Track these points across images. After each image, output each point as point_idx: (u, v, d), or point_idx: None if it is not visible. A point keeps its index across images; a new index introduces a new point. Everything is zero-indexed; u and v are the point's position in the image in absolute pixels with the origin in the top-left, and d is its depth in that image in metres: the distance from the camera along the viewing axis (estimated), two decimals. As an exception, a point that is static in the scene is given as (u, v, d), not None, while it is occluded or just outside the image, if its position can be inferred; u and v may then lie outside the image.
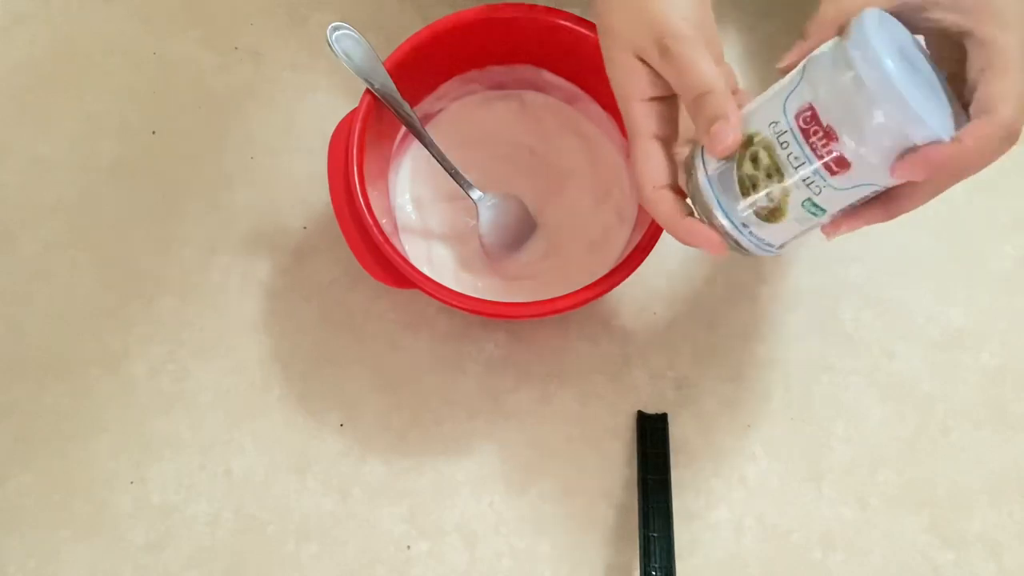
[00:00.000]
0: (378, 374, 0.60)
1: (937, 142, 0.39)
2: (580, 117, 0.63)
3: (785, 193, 0.42)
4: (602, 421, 0.60)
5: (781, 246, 0.45)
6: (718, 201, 0.44)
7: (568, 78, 0.61)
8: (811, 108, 0.40)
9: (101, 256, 0.62)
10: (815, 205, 0.42)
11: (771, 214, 0.43)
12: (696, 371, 0.61)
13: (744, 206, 0.43)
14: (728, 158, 0.43)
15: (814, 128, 0.40)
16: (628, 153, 0.60)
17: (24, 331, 0.61)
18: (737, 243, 0.45)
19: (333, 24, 0.54)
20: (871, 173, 0.41)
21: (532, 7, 0.55)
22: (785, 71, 0.43)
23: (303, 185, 0.63)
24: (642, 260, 0.52)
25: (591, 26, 0.54)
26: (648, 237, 0.53)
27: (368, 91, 0.54)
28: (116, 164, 0.64)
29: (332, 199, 0.55)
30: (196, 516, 0.58)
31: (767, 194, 0.42)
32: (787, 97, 0.41)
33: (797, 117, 0.41)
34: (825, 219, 0.43)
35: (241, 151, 0.64)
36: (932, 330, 0.62)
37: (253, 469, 0.59)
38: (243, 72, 0.66)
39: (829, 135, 0.40)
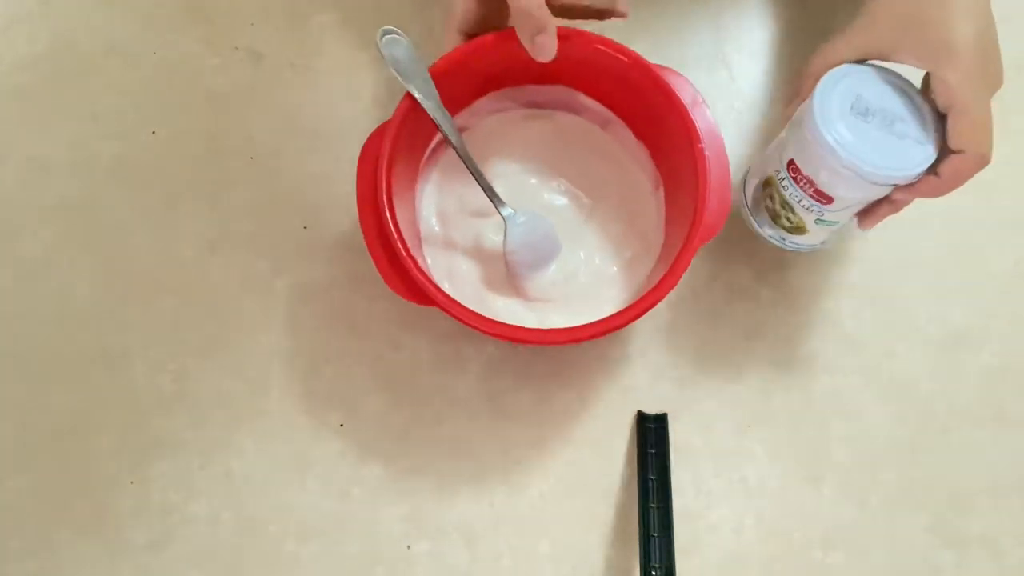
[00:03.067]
0: (378, 374, 0.60)
1: (904, 179, 0.49)
2: (612, 142, 0.62)
3: (800, 217, 0.54)
4: (602, 421, 0.60)
5: (823, 243, 0.58)
6: (756, 222, 0.58)
7: (602, 102, 0.60)
8: (792, 161, 0.52)
9: (101, 256, 0.62)
10: (826, 221, 0.54)
11: (797, 230, 0.56)
12: (696, 371, 0.61)
13: (778, 227, 0.57)
14: (760, 195, 0.57)
15: (799, 176, 0.52)
16: (656, 185, 0.61)
17: (24, 331, 0.61)
18: (783, 244, 0.58)
19: (383, 28, 0.54)
20: (857, 204, 0.52)
21: (574, 31, 0.55)
22: (787, 117, 0.53)
23: (303, 185, 0.63)
24: (668, 291, 0.52)
25: (629, 53, 0.55)
26: (675, 268, 0.52)
27: (408, 95, 0.54)
28: (116, 164, 0.64)
29: (360, 215, 0.54)
30: (196, 516, 0.58)
31: (787, 218, 0.55)
32: (783, 149, 0.53)
33: (788, 166, 0.53)
34: (845, 221, 0.54)
35: (241, 151, 0.64)
36: (932, 330, 0.62)
37: (253, 469, 0.59)
38: (243, 72, 0.66)
39: (809, 181, 0.51)
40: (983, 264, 0.64)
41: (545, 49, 0.52)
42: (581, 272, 0.60)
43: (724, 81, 0.66)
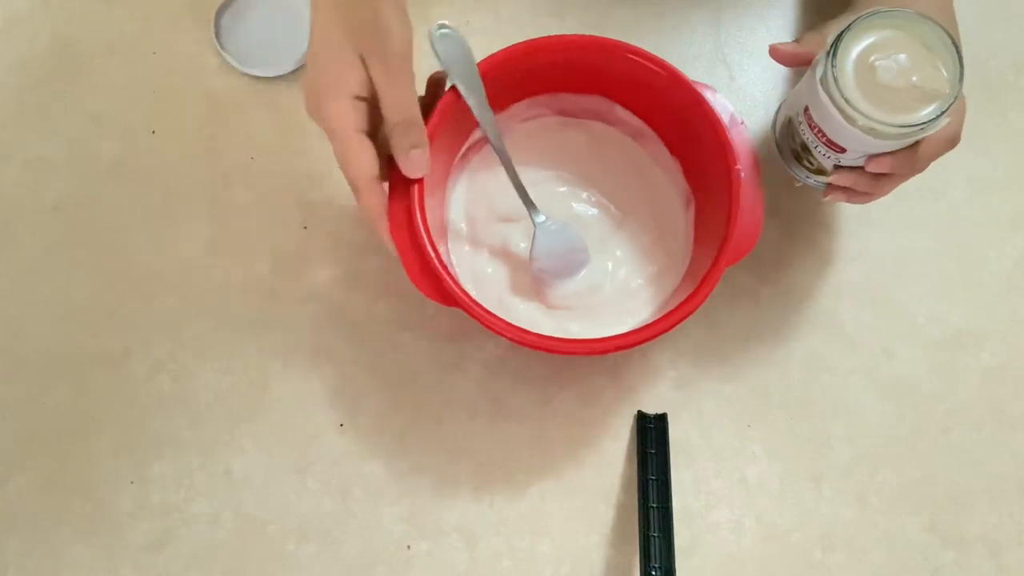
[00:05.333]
0: (378, 374, 0.60)
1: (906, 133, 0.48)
2: (644, 155, 0.62)
3: (818, 161, 0.54)
4: (602, 421, 0.60)
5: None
6: (784, 159, 0.58)
7: (638, 114, 0.60)
8: (808, 109, 0.52)
9: (101, 256, 0.62)
10: (845, 167, 0.53)
11: (819, 172, 0.55)
12: (696, 371, 0.61)
13: (802, 167, 0.57)
14: (786, 133, 0.57)
15: (812, 123, 0.52)
16: (687, 201, 0.60)
17: (24, 331, 0.61)
18: (808, 182, 0.58)
19: (438, 23, 0.53)
20: (864, 154, 0.51)
21: (612, 41, 0.55)
22: (773, 50, 0.55)
23: (303, 185, 0.63)
24: (694, 309, 0.51)
25: (668, 67, 0.55)
26: (702, 287, 0.52)
27: (451, 92, 0.53)
28: (116, 164, 0.64)
29: (390, 213, 0.53)
30: (196, 516, 0.58)
31: (808, 161, 0.55)
32: (802, 94, 0.53)
33: (805, 112, 0.52)
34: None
35: (241, 151, 0.64)
36: (932, 330, 0.62)
37: (253, 469, 0.59)
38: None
39: (820, 131, 0.52)
40: (983, 264, 0.64)
41: (418, 165, 0.50)
42: (606, 284, 0.59)
43: (724, 81, 0.66)
